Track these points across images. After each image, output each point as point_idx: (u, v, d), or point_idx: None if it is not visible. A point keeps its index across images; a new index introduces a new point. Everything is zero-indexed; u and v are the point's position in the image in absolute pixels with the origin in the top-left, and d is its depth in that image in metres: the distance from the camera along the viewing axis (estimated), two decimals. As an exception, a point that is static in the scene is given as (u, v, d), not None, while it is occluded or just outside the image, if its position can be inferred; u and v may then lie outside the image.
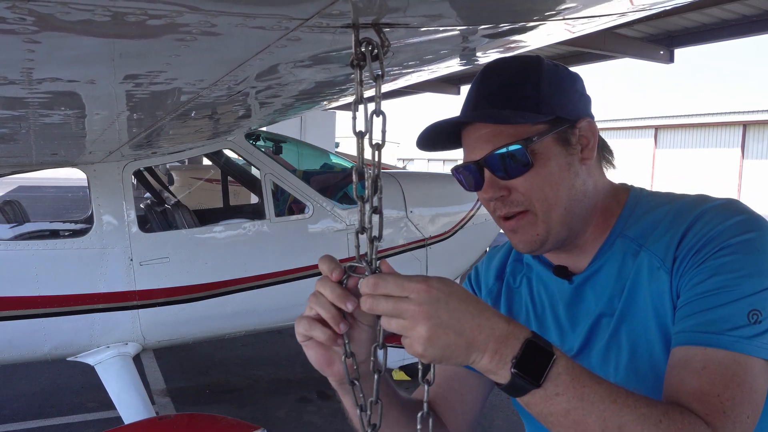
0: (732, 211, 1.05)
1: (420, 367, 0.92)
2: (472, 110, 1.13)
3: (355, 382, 0.95)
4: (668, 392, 0.97)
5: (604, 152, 1.20)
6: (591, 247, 1.17)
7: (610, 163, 1.22)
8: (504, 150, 1.07)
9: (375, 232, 0.93)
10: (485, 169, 1.10)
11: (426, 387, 0.92)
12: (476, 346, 0.86)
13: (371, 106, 0.92)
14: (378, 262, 0.93)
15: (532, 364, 0.87)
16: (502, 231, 1.20)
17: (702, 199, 1.10)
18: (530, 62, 1.14)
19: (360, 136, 0.92)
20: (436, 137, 1.16)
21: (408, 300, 0.85)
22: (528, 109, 1.08)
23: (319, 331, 0.93)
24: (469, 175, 1.14)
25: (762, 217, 1.05)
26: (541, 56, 1.18)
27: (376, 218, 0.94)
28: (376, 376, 0.93)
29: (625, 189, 1.21)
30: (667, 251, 1.06)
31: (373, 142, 0.92)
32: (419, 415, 0.92)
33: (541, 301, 1.25)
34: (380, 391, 0.94)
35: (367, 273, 0.92)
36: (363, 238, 0.93)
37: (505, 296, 1.31)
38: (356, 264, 0.94)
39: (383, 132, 0.92)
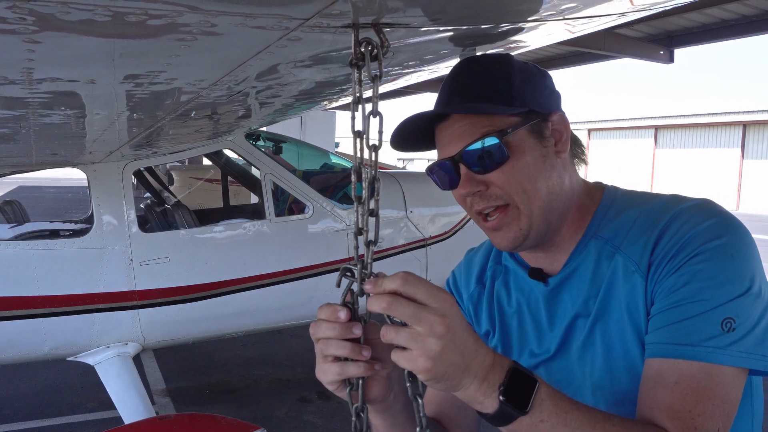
0: (705, 213, 1.04)
1: (409, 383, 0.88)
2: (445, 106, 1.12)
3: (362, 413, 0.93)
4: (642, 407, 0.99)
5: (576, 148, 1.20)
6: (566, 246, 1.16)
7: (582, 160, 1.22)
8: (479, 143, 1.06)
9: (371, 236, 0.91)
10: (461, 164, 1.09)
11: (421, 401, 0.90)
12: (470, 372, 0.85)
13: (369, 107, 0.91)
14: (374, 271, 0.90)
15: (518, 391, 0.87)
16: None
17: (675, 200, 1.10)
18: (500, 58, 1.13)
19: (358, 136, 0.91)
20: (409, 136, 1.14)
21: (429, 309, 0.83)
22: (501, 102, 1.08)
23: (354, 369, 0.90)
24: (444, 174, 1.12)
25: (735, 219, 1.04)
26: (510, 53, 1.18)
27: (372, 221, 0.91)
28: (414, 403, 0.90)
29: (599, 188, 1.20)
30: (642, 255, 1.06)
31: (370, 143, 0.91)
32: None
33: (519, 303, 1.24)
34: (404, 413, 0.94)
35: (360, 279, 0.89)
36: (360, 240, 0.92)
37: (486, 299, 1.30)
38: (352, 266, 0.91)
39: (380, 132, 0.92)
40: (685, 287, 0.99)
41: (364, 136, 0.91)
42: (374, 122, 0.91)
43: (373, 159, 0.92)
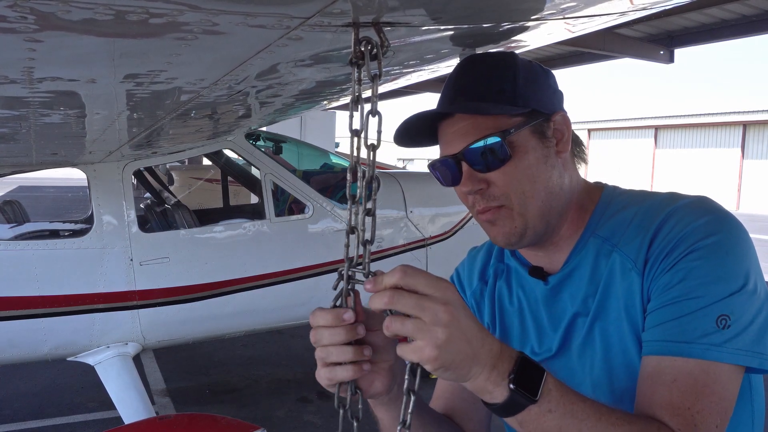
0: (700, 210, 1.04)
1: (407, 376, 0.87)
2: (449, 104, 1.12)
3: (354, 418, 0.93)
4: (641, 404, 0.99)
5: (576, 147, 1.20)
6: (566, 245, 1.17)
7: (582, 159, 1.22)
8: (482, 142, 1.07)
9: (368, 236, 0.90)
10: (463, 162, 1.10)
11: (413, 397, 0.88)
12: (478, 360, 0.85)
13: (368, 107, 0.91)
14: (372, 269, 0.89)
15: (528, 379, 0.87)
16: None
17: (671, 198, 1.10)
18: (505, 57, 1.13)
19: (356, 134, 0.91)
20: (412, 132, 1.15)
21: (432, 298, 0.82)
22: (505, 101, 1.08)
23: (342, 372, 0.89)
24: (446, 170, 1.13)
25: (730, 216, 1.04)
26: (514, 52, 1.18)
27: (369, 220, 0.91)
28: (405, 398, 0.88)
29: (598, 187, 1.21)
30: (638, 253, 1.06)
31: (368, 143, 0.91)
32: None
33: (520, 302, 1.25)
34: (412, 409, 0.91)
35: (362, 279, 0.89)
36: (352, 240, 0.91)
37: (488, 298, 1.30)
38: (350, 269, 0.91)
39: (379, 132, 0.92)
40: (680, 284, 0.99)
41: (362, 135, 0.91)
42: (373, 122, 0.91)
43: (371, 159, 0.92)
